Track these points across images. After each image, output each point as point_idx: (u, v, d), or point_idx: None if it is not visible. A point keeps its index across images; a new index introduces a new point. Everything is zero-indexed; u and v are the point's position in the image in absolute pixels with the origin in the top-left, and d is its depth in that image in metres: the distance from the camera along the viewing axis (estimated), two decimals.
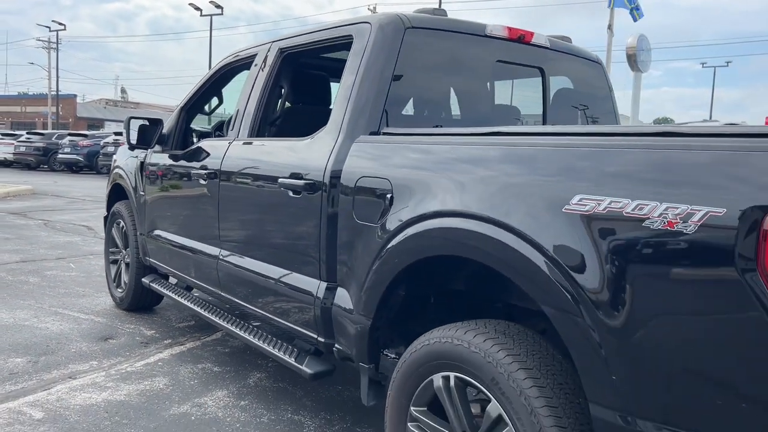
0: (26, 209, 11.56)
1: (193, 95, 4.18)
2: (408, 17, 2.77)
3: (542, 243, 1.78)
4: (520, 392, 1.82)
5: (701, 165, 1.53)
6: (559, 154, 1.86)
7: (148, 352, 4.09)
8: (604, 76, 3.57)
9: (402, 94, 2.79)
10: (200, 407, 3.29)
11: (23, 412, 3.13)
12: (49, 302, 5.12)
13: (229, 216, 3.40)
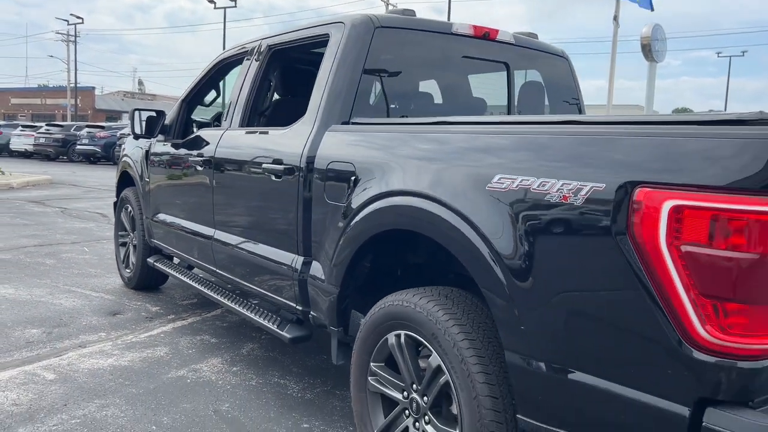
0: (44, 198, 12.02)
1: (193, 88, 4.51)
2: (378, 17, 3.07)
3: (469, 215, 2.07)
4: (453, 344, 2.13)
5: (588, 148, 1.82)
6: (484, 141, 2.16)
7: (151, 326, 4.44)
8: (569, 70, 3.84)
9: (372, 87, 3.08)
10: (196, 372, 3.63)
11: (37, 374, 3.50)
12: (64, 281, 5.50)
13: (221, 199, 3.73)
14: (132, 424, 2.95)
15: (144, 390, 3.34)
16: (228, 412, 3.14)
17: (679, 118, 1.75)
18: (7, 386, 3.30)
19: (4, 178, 14.47)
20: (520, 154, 2.02)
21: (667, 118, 1.82)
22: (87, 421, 2.96)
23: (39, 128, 30.40)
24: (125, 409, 3.11)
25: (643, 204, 1.60)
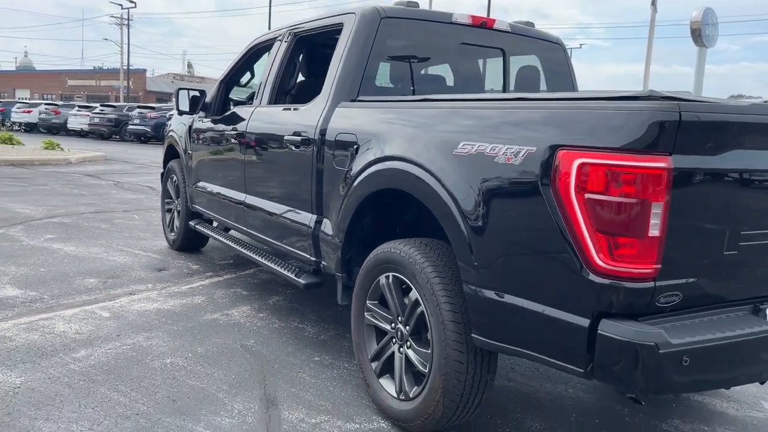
0: (99, 172, 12.89)
1: (230, 71, 5.06)
2: (384, 8, 3.53)
3: (440, 175, 2.54)
4: (427, 281, 2.61)
5: (527, 120, 2.28)
6: (455, 114, 2.63)
7: (192, 280, 5.05)
8: (564, 55, 4.23)
9: (378, 69, 3.56)
10: (227, 316, 4.21)
11: (95, 312, 4.12)
12: (116, 243, 6.17)
13: (251, 167, 4.27)
14: (172, 351, 3.54)
15: (183, 327, 3.93)
16: (252, 346, 3.70)
17: (589, 95, 2.19)
18: (71, 320, 3.93)
19: (63, 154, 15.46)
20: (478, 126, 2.48)
21: (581, 95, 2.25)
22: (135, 348, 3.56)
23: (94, 109, 31.76)
24: (167, 340, 3.70)
25: (561, 162, 2.05)
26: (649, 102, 1.93)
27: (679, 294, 2.03)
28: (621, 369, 1.95)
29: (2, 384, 3.01)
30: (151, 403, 2.92)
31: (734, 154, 2.04)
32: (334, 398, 3.11)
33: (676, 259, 1.98)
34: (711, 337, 1.98)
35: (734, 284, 2.21)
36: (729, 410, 3.26)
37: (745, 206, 2.12)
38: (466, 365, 2.50)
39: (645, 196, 1.90)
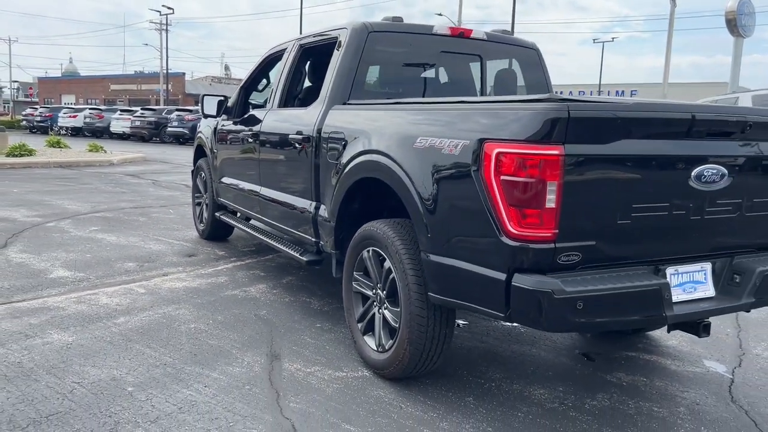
0: (139, 172, 13.78)
1: (249, 77, 5.70)
2: (372, 23, 4.11)
3: (404, 165, 3.11)
4: (396, 252, 3.18)
5: (464, 118, 2.83)
6: (414, 114, 3.20)
7: (217, 264, 5.71)
8: (538, 59, 4.74)
9: (367, 76, 4.14)
10: (245, 292, 4.85)
11: (133, 289, 4.81)
12: (152, 233, 6.90)
13: (264, 163, 4.90)
14: (196, 319, 4.19)
15: (206, 301, 4.59)
16: (264, 315, 4.33)
17: (507, 99, 2.74)
18: (112, 295, 4.63)
19: (106, 156, 16.45)
20: (430, 124, 3.05)
21: (502, 98, 2.80)
22: (165, 316, 4.22)
23: (135, 112, 33.10)
24: (192, 310, 4.36)
25: (485, 152, 2.61)
26: (547, 103, 2.47)
27: (579, 254, 2.56)
28: (529, 312, 2.50)
29: (58, 341, 3.69)
30: (176, 356, 3.57)
31: (622, 142, 2.56)
32: (328, 354, 3.71)
33: (573, 226, 2.52)
34: (602, 287, 2.51)
35: (633, 248, 2.72)
36: (671, 366, 3.75)
37: (634, 184, 2.63)
38: (427, 319, 3.06)
39: (543, 176, 2.44)
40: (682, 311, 2.79)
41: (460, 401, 3.18)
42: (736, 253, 3.02)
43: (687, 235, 2.83)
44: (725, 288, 2.98)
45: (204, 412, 2.93)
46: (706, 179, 2.76)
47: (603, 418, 3.05)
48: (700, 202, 2.79)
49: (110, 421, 2.80)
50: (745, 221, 2.97)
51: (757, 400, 3.32)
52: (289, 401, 3.09)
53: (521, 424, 2.97)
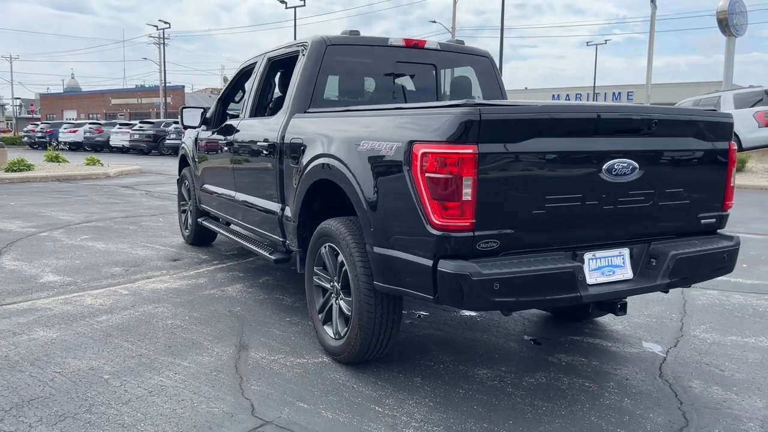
0: (134, 183, 14.12)
1: (225, 89, 6.03)
2: (329, 37, 4.43)
3: (350, 167, 3.42)
4: (347, 246, 3.49)
5: (397, 123, 3.14)
6: (358, 121, 3.51)
7: (200, 267, 6.03)
8: (491, 66, 5.06)
9: (326, 86, 4.45)
10: (223, 291, 5.16)
11: (117, 291, 5.12)
12: (140, 240, 7.22)
13: (238, 169, 5.22)
14: (173, 316, 4.49)
15: (185, 300, 4.90)
16: (238, 312, 4.63)
17: (432, 104, 3.05)
18: (97, 297, 4.94)
19: (103, 168, 16.81)
20: (370, 128, 3.36)
21: (428, 104, 3.11)
22: (145, 314, 4.53)
23: (133, 126, 33.54)
24: (170, 308, 4.67)
25: (413, 153, 2.92)
26: (463, 108, 2.78)
27: (497, 241, 2.86)
28: (452, 293, 2.80)
29: (43, 337, 4.01)
30: (151, 348, 3.87)
31: (533, 141, 2.86)
32: (293, 344, 4.01)
33: (489, 216, 2.82)
34: (517, 270, 2.82)
35: (550, 235, 3.02)
36: (611, 347, 4.04)
37: (546, 178, 2.93)
38: (374, 306, 3.36)
39: (460, 173, 2.75)
40: (598, 291, 3.09)
41: (408, 381, 3.47)
42: (652, 239, 3.32)
43: (602, 223, 3.13)
44: (643, 271, 3.27)
45: (172, 395, 3.23)
46: (617, 172, 3.07)
47: (537, 393, 3.34)
48: (613, 194, 3.09)
49: (86, 404, 3.11)
50: (658, 210, 3.27)
51: (682, 375, 3.61)
52: (251, 384, 3.39)
53: (460, 399, 3.26)
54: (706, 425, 3.01)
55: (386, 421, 3.00)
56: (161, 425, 2.92)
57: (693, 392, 3.38)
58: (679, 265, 3.23)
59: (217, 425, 2.94)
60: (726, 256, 3.48)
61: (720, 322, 4.55)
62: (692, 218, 3.44)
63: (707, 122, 3.42)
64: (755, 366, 3.74)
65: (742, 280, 5.74)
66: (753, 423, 3.03)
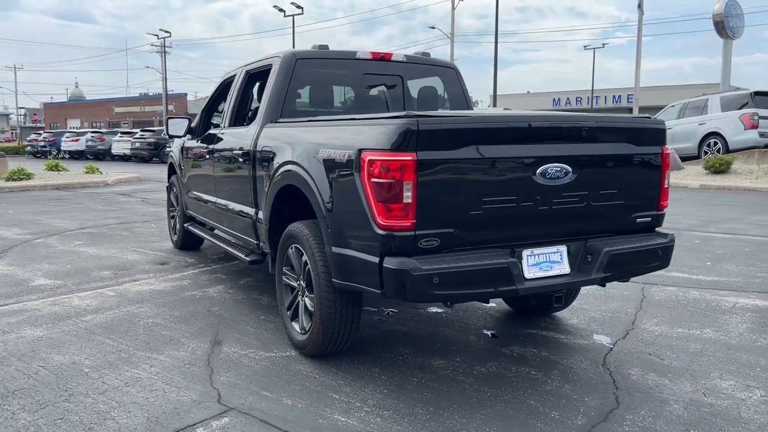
0: (131, 191, 14.43)
1: (209, 100, 6.33)
2: (299, 52, 4.72)
3: (311, 173, 3.70)
4: (310, 247, 3.76)
5: (350, 133, 3.42)
6: (317, 130, 3.80)
7: (185, 270, 6.31)
8: (456, 76, 5.34)
9: (297, 97, 4.74)
10: (204, 292, 5.44)
11: (104, 293, 5.41)
12: (131, 245, 7.50)
13: (218, 175, 5.50)
14: (155, 315, 4.77)
15: (167, 300, 5.18)
16: (217, 311, 4.91)
17: (379, 116, 3.32)
18: (84, 298, 5.22)
19: (102, 177, 17.14)
20: (327, 137, 3.64)
21: (376, 115, 3.39)
22: (128, 313, 4.81)
23: (135, 134, 33.92)
24: (153, 308, 4.95)
25: (361, 159, 3.19)
26: (403, 119, 3.06)
27: (438, 240, 3.13)
28: (396, 287, 3.07)
29: (30, 335, 4.29)
30: (131, 344, 4.15)
31: (469, 148, 3.13)
32: (265, 340, 4.28)
33: (429, 217, 3.09)
34: (455, 265, 3.08)
35: (489, 234, 3.29)
36: (562, 340, 4.31)
37: (483, 181, 3.20)
38: (334, 302, 3.63)
39: (401, 178, 3.02)
40: (535, 285, 3.36)
41: (367, 371, 3.74)
42: (589, 237, 3.59)
43: (539, 223, 3.40)
44: (580, 266, 3.54)
45: (146, 385, 3.51)
46: (551, 176, 3.34)
47: (485, 381, 3.60)
48: (547, 196, 3.36)
49: (65, 394, 3.38)
50: (593, 210, 3.54)
51: (624, 364, 3.87)
52: (220, 375, 3.66)
53: (413, 386, 3.52)
54: (635, 407, 3.27)
55: (341, 407, 3.27)
56: (133, 411, 3.19)
57: (630, 379, 3.63)
58: (612, 260, 3.50)
59: (185, 411, 3.21)
60: (660, 252, 3.74)
61: (672, 316, 4.81)
62: (628, 217, 3.71)
63: (640, 128, 3.69)
64: (694, 355, 4.00)
65: (702, 277, 5.99)
66: (678, 405, 3.29)
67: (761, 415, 3.17)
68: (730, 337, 4.32)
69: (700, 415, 3.18)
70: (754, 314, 4.83)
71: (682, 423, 3.09)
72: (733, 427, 3.05)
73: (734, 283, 5.76)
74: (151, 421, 3.10)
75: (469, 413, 3.20)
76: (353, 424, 3.08)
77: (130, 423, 3.08)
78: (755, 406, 3.27)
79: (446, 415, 3.18)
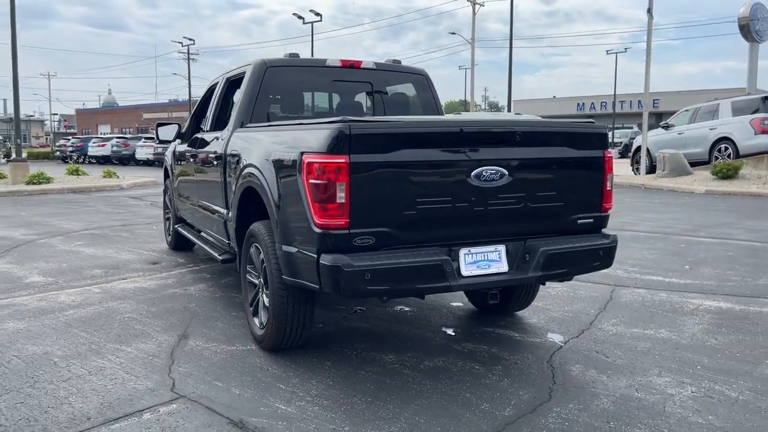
0: (143, 195, 14.83)
1: (197, 105, 6.59)
2: (270, 60, 4.94)
3: (264, 174, 3.91)
4: (266, 245, 3.95)
5: (295, 137, 3.62)
6: (272, 135, 4.00)
7: (173, 269, 6.56)
8: (427, 83, 5.51)
9: (266, 103, 4.95)
10: (185, 290, 5.68)
11: (90, 290, 5.68)
12: (129, 246, 7.80)
13: (199, 178, 5.75)
14: (132, 310, 5.02)
15: (148, 297, 5.42)
16: (192, 308, 5.14)
17: (318, 121, 3.51)
18: (71, 295, 5.49)
19: (118, 181, 17.63)
20: (277, 141, 3.84)
21: (317, 121, 3.58)
22: (108, 309, 5.06)
23: None
24: (132, 304, 5.19)
25: (303, 161, 3.39)
26: (338, 123, 3.24)
27: (372, 238, 3.31)
28: (331, 283, 3.25)
29: (11, 328, 4.56)
30: (103, 337, 4.39)
31: (403, 151, 3.30)
32: (230, 334, 4.49)
33: (363, 216, 3.26)
34: (387, 262, 3.25)
35: (425, 233, 3.45)
36: (516, 337, 4.44)
37: (416, 183, 3.37)
38: (286, 298, 3.82)
39: (334, 179, 3.21)
40: (471, 282, 3.52)
41: (319, 365, 3.92)
42: (528, 237, 3.72)
43: (476, 223, 3.55)
44: (519, 265, 3.68)
45: (108, 374, 3.73)
46: (486, 178, 3.49)
47: (428, 374, 3.76)
48: (483, 197, 3.51)
49: (31, 381, 3.62)
50: (532, 211, 3.68)
51: (569, 361, 3.99)
52: (179, 366, 3.88)
53: (358, 379, 3.69)
54: (566, 400, 3.39)
55: (284, 396, 3.45)
56: (90, 397, 3.42)
57: (570, 375, 3.76)
58: (549, 259, 3.64)
59: (138, 398, 3.42)
60: (601, 252, 3.86)
61: (632, 316, 4.91)
62: (568, 219, 3.83)
63: (579, 133, 3.83)
64: (640, 353, 4.10)
65: (675, 280, 6.06)
66: (607, 399, 3.41)
67: (684, 410, 3.27)
68: (682, 337, 4.41)
69: (625, 408, 3.30)
70: (714, 315, 4.90)
71: (605, 416, 3.22)
72: (653, 419, 3.17)
73: (705, 286, 5.82)
74: (104, 406, 3.32)
75: (404, 404, 3.36)
76: (291, 412, 3.26)
77: (84, 407, 3.30)
78: (682, 402, 3.37)
79: (381, 405, 3.34)
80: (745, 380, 3.65)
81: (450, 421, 3.17)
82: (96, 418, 3.19)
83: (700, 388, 3.55)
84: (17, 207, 12.40)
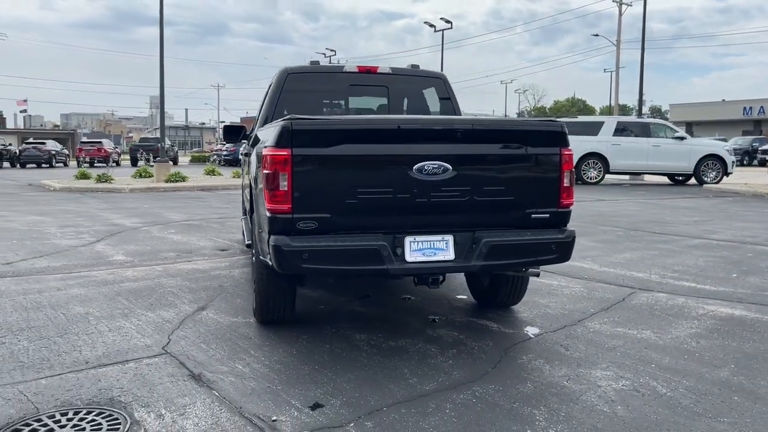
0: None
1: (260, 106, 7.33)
2: (291, 67, 5.51)
3: (257, 167, 4.46)
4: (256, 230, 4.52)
5: (267, 135, 4.13)
6: (263, 132, 4.54)
7: (234, 256, 7.35)
8: (445, 86, 5.79)
9: (289, 106, 5.53)
10: (230, 272, 6.41)
11: (154, 268, 6.58)
12: (211, 234, 8.77)
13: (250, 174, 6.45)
14: (176, 285, 5.81)
15: (195, 276, 6.21)
16: (226, 286, 5.83)
17: (276, 121, 3.98)
18: (136, 272, 6.43)
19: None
20: (264, 137, 4.37)
21: (278, 121, 4.05)
22: (158, 283, 5.89)
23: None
24: (179, 281, 5.99)
25: (263, 155, 3.89)
26: (285, 121, 3.71)
27: (315, 222, 3.73)
28: (277, 260, 3.72)
29: (74, 293, 5.50)
30: (138, 304, 5.19)
31: (344, 146, 3.70)
32: (239, 309, 5.09)
33: (305, 203, 3.69)
34: (324, 244, 3.66)
35: (368, 220, 3.80)
36: (493, 328, 4.62)
37: (356, 174, 3.73)
38: (266, 276, 4.34)
39: (279, 169, 3.68)
40: (414, 267, 3.82)
41: (296, 338, 4.39)
42: (478, 228, 3.95)
43: (420, 213, 3.85)
44: (465, 254, 3.92)
45: (122, 332, 4.48)
46: (428, 172, 3.78)
47: (384, 353, 4.09)
48: (426, 190, 3.80)
49: (62, 331, 4.45)
50: (479, 204, 3.90)
51: (526, 351, 4.12)
52: (181, 330, 4.54)
53: (321, 352, 4.12)
54: (490, 382, 3.58)
55: (247, 360, 3.97)
56: (97, 347, 4.16)
57: (515, 362, 3.91)
58: (491, 250, 3.84)
59: (132, 350, 4.11)
60: (554, 246, 3.98)
61: (628, 317, 4.87)
62: (521, 213, 3.99)
63: (531, 130, 3.98)
64: (604, 349, 4.13)
65: (708, 287, 5.81)
66: (531, 384, 3.55)
67: (599, 400, 3.34)
68: (662, 338, 4.36)
69: (541, 393, 3.43)
70: (717, 322, 4.73)
71: (517, 398, 3.38)
72: (559, 405, 3.28)
73: (735, 295, 5.54)
74: (104, 355, 4.04)
75: (343, 373, 3.74)
76: (244, 371, 3.77)
77: (89, 355, 4.04)
78: (603, 393, 3.44)
79: (323, 372, 3.75)
80: (690, 380, 3.61)
81: (372, 388, 3.50)
82: (92, 362, 3.90)
83: (635, 383, 3.58)
84: (146, 201, 14.12)
